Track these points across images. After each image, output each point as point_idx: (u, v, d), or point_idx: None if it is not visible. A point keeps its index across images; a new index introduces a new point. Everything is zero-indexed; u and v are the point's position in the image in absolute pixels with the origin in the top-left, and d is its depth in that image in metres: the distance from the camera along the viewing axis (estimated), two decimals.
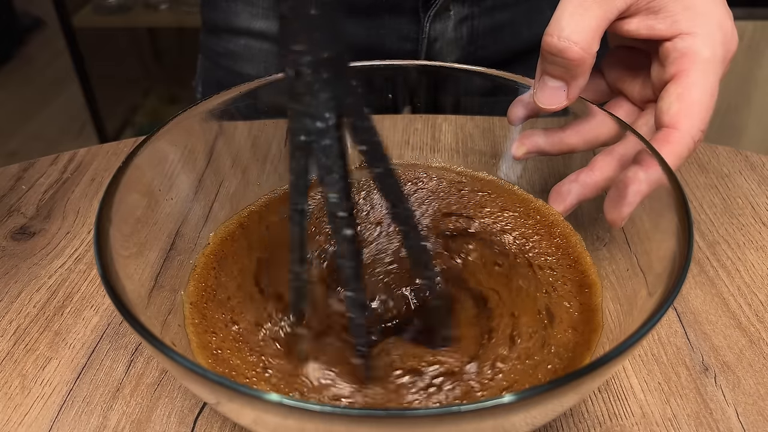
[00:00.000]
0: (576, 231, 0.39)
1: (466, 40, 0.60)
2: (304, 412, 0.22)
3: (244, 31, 0.62)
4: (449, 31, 0.59)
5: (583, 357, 0.32)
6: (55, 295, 0.41)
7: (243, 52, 0.63)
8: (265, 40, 0.62)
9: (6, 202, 0.49)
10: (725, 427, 0.33)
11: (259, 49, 0.63)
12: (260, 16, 0.61)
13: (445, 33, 0.59)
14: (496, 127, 0.44)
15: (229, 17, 0.62)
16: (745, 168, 0.51)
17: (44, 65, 2.06)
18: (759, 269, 0.42)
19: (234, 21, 0.62)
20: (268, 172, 0.43)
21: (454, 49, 0.60)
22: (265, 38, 0.62)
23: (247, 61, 0.64)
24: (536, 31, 0.60)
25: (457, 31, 0.59)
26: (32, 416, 0.34)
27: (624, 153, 0.36)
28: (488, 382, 0.30)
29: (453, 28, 0.59)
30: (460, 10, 0.58)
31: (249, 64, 0.64)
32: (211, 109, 0.39)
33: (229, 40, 0.64)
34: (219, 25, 0.64)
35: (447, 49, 0.60)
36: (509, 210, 0.41)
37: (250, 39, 0.63)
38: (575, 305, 0.35)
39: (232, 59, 0.64)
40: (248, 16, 0.61)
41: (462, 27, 0.59)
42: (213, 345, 0.33)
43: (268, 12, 0.61)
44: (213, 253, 0.38)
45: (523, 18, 0.61)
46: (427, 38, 0.59)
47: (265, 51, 0.63)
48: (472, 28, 0.60)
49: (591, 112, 0.38)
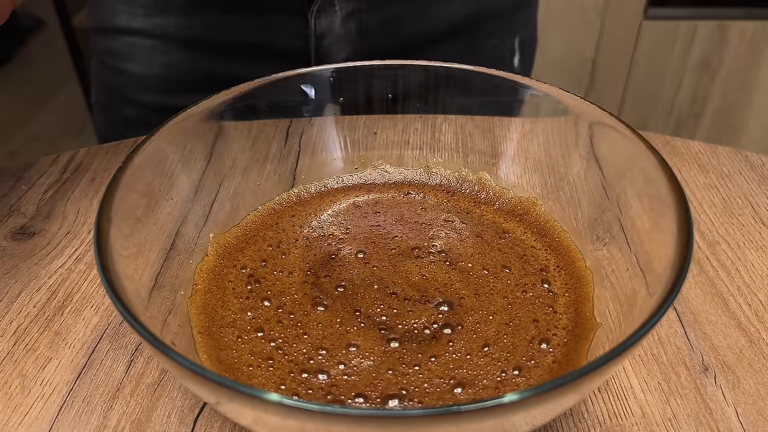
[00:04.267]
0: (575, 231, 0.39)
1: (355, 35, 0.60)
2: (304, 412, 0.22)
3: (124, 30, 0.63)
4: (337, 26, 0.59)
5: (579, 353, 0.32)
6: (55, 295, 0.41)
7: (126, 50, 0.64)
8: (146, 37, 0.63)
9: (6, 202, 0.49)
10: (725, 427, 0.33)
11: (142, 46, 0.63)
12: (139, 15, 0.62)
13: (332, 29, 0.59)
14: (496, 127, 0.44)
15: (111, 17, 0.63)
16: (745, 168, 0.51)
17: (44, 65, 2.06)
18: (759, 269, 0.42)
19: (115, 20, 0.63)
20: (268, 172, 0.43)
21: (345, 45, 0.60)
22: (146, 35, 0.63)
23: (131, 59, 0.64)
24: (428, 25, 0.61)
25: (345, 26, 0.59)
26: (32, 416, 0.34)
27: None
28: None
29: (341, 24, 0.59)
30: (346, 5, 0.58)
31: (133, 62, 0.64)
32: (211, 109, 0.39)
33: (113, 39, 0.65)
34: (102, 24, 0.65)
35: (337, 46, 0.60)
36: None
37: (131, 37, 0.63)
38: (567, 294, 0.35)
39: (116, 58, 0.65)
40: (127, 15, 0.62)
41: (350, 22, 0.59)
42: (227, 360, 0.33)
43: (147, 11, 0.61)
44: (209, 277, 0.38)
45: (413, 11, 0.61)
46: (314, 35, 0.59)
47: (149, 48, 0.63)
48: (360, 23, 0.60)
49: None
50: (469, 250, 0.38)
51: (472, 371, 0.31)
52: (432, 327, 0.34)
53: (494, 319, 0.34)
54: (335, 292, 0.36)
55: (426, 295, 0.35)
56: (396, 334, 0.33)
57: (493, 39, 0.65)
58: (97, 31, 0.67)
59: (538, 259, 0.38)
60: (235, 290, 0.36)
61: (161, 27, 0.62)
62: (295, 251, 0.39)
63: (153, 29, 0.62)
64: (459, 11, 0.61)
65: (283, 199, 0.43)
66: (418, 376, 0.31)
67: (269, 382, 0.31)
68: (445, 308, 0.35)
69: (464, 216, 0.42)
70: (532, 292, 0.36)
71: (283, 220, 0.41)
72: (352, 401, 0.30)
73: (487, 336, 0.33)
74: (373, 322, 0.34)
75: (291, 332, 0.34)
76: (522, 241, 0.39)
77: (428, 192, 0.44)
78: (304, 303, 0.35)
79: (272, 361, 0.32)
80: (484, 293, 0.36)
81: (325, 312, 0.35)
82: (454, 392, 0.30)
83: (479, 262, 0.38)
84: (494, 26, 0.64)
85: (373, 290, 0.36)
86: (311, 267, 0.38)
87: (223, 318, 0.35)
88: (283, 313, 0.35)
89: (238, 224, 0.41)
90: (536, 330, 0.34)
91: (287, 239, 0.40)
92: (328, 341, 0.33)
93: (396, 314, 0.34)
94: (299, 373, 0.32)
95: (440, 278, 0.36)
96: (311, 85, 0.42)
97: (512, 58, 0.68)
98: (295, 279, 0.37)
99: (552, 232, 0.40)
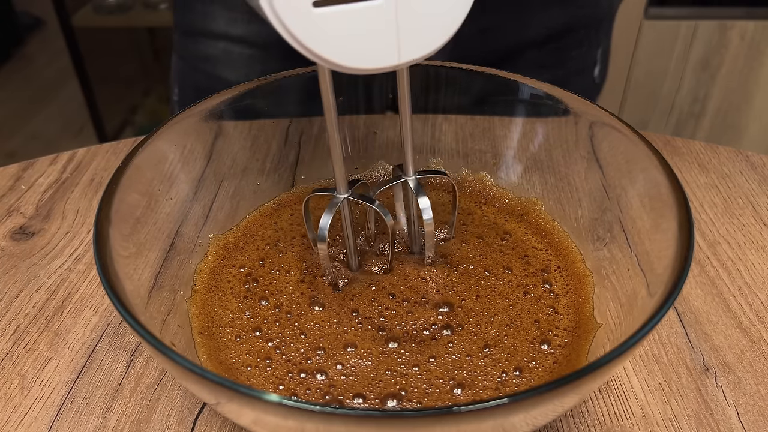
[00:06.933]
0: (576, 231, 0.39)
1: (450, 44, 0.59)
2: (304, 412, 0.22)
3: (222, 35, 0.60)
4: None
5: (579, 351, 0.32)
6: (54, 295, 0.41)
7: (222, 56, 0.62)
8: (246, 45, 0.60)
9: (5, 202, 0.49)
10: (726, 427, 0.33)
11: (239, 53, 0.61)
12: (239, 21, 0.59)
13: None
14: (496, 127, 0.44)
15: (205, 21, 0.61)
16: (745, 168, 0.51)
17: (44, 65, 2.06)
18: (760, 269, 0.42)
19: (211, 25, 0.60)
20: (267, 172, 0.43)
21: (438, 54, 0.60)
22: (245, 43, 0.60)
23: (226, 65, 0.62)
24: (524, 33, 0.60)
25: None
26: (32, 416, 0.34)
27: None
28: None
29: None
30: None
31: (229, 69, 0.62)
32: (211, 109, 0.39)
33: (207, 44, 0.62)
34: (195, 28, 0.62)
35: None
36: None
37: (229, 43, 0.61)
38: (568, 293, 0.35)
39: (210, 64, 0.63)
40: (227, 20, 0.60)
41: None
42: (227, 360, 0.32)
43: (249, 17, 0.59)
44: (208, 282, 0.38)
45: (513, 20, 0.60)
46: None
47: (246, 56, 0.61)
48: (457, 32, 0.59)
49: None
50: (471, 252, 0.38)
51: (472, 372, 0.31)
52: (431, 328, 0.34)
53: (495, 320, 0.34)
54: (332, 293, 0.36)
55: (425, 297, 0.35)
56: (394, 335, 0.33)
57: (581, 47, 0.64)
58: (187, 33, 0.64)
59: (539, 260, 0.38)
60: (234, 290, 0.36)
61: (262, 35, 0.59)
62: (292, 249, 0.39)
63: (253, 37, 0.60)
64: (557, 20, 0.61)
65: (282, 198, 0.43)
66: (417, 377, 0.31)
67: (268, 382, 0.31)
68: (446, 310, 0.34)
69: (465, 216, 0.41)
70: (533, 293, 0.36)
71: (282, 219, 0.41)
72: (351, 401, 0.30)
73: (487, 337, 0.33)
74: (371, 323, 0.34)
75: (288, 332, 0.34)
76: (523, 241, 0.39)
77: (428, 192, 0.44)
78: (301, 302, 0.35)
79: (270, 360, 0.32)
80: (486, 295, 0.36)
81: (323, 312, 0.35)
82: (454, 393, 0.30)
83: (481, 264, 0.38)
84: (583, 35, 0.64)
85: (371, 291, 0.36)
86: (308, 266, 0.37)
87: (222, 318, 0.35)
88: (281, 312, 0.35)
89: (237, 224, 0.41)
90: (537, 331, 0.34)
91: (285, 237, 0.40)
92: (326, 341, 0.33)
93: (395, 315, 0.34)
94: (297, 373, 0.31)
95: (441, 280, 0.36)
96: (311, 85, 0.42)
97: (594, 67, 0.67)
98: (292, 278, 0.37)
99: (552, 232, 0.40)
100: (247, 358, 0.32)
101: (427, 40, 0.27)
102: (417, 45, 0.27)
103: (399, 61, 0.26)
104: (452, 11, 0.27)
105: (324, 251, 0.34)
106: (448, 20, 0.27)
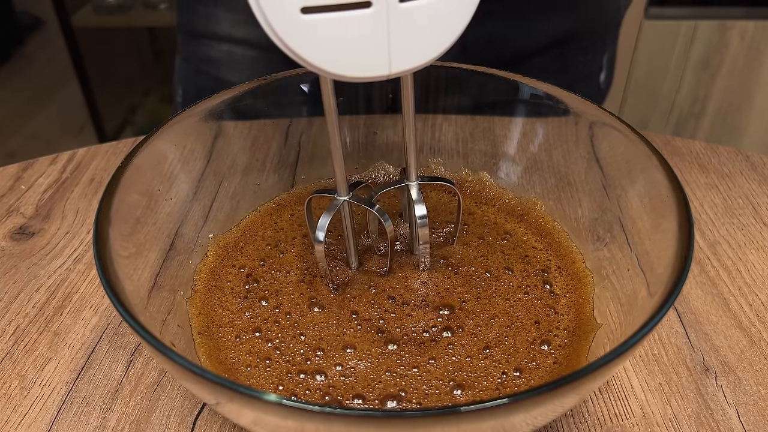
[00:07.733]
0: (576, 231, 0.39)
1: (457, 51, 0.59)
2: (304, 412, 0.22)
3: (225, 38, 0.60)
4: None
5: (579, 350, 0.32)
6: (54, 295, 0.41)
7: (225, 58, 0.61)
8: (249, 47, 0.60)
9: (5, 202, 0.49)
10: (726, 427, 0.33)
11: (243, 56, 0.61)
12: (242, 24, 0.59)
13: None
14: (496, 127, 0.44)
15: (208, 23, 0.60)
16: (745, 168, 0.51)
17: (43, 65, 2.05)
18: (760, 269, 0.42)
19: (214, 27, 0.60)
20: (267, 172, 0.43)
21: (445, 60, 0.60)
22: (249, 45, 0.60)
23: (230, 68, 0.62)
24: (528, 40, 0.60)
25: None
26: (31, 417, 0.34)
27: None
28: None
29: None
30: None
31: (232, 71, 0.62)
32: (211, 109, 0.39)
33: (211, 47, 0.61)
34: (198, 30, 0.62)
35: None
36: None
37: (232, 46, 0.60)
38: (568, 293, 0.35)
39: (214, 66, 0.62)
40: (230, 23, 0.59)
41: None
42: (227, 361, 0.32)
43: (252, 19, 0.59)
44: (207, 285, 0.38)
45: (516, 26, 0.60)
46: None
47: (250, 58, 0.61)
48: (463, 39, 0.58)
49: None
50: (472, 254, 0.38)
51: (472, 373, 0.31)
52: (431, 330, 0.34)
53: (496, 321, 0.34)
54: (331, 294, 0.36)
55: (425, 300, 0.35)
56: (394, 337, 0.33)
57: (586, 54, 0.64)
58: (190, 35, 0.63)
59: (539, 260, 0.38)
60: (234, 290, 0.36)
61: (265, 37, 0.59)
62: (292, 250, 0.39)
63: (256, 39, 0.59)
64: (560, 27, 0.61)
65: (282, 198, 0.43)
66: (416, 378, 0.31)
67: (267, 382, 0.31)
68: (446, 312, 0.34)
69: (465, 216, 0.41)
70: (533, 294, 0.36)
71: (282, 219, 0.41)
72: (350, 402, 0.30)
73: (487, 338, 0.33)
74: (371, 325, 0.34)
75: (288, 333, 0.34)
76: (523, 242, 0.39)
77: (430, 192, 0.44)
78: (301, 303, 0.35)
79: (270, 361, 0.32)
80: (486, 297, 0.36)
81: (322, 313, 0.35)
82: (454, 394, 0.30)
83: (482, 265, 0.38)
84: (588, 41, 0.64)
85: (371, 294, 0.36)
86: (308, 267, 0.37)
87: (221, 318, 0.35)
88: (280, 313, 0.35)
89: (237, 224, 0.41)
90: (537, 332, 0.34)
91: (285, 238, 0.40)
92: (325, 342, 0.33)
93: (394, 318, 0.34)
94: (297, 373, 0.31)
95: (442, 283, 0.36)
96: (311, 85, 0.42)
97: (600, 73, 0.67)
98: (292, 278, 0.37)
99: (552, 232, 0.40)
100: (247, 359, 0.32)
101: (420, 52, 0.26)
102: (408, 57, 0.26)
103: (389, 71, 0.26)
104: (448, 25, 0.26)
105: (321, 253, 0.34)
106: (443, 34, 0.27)
